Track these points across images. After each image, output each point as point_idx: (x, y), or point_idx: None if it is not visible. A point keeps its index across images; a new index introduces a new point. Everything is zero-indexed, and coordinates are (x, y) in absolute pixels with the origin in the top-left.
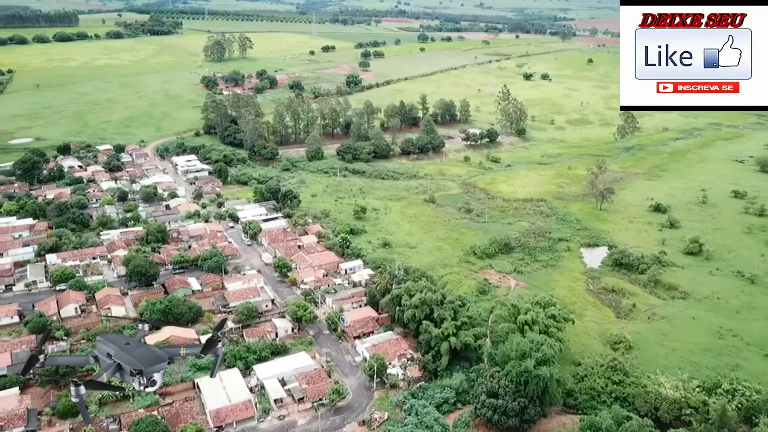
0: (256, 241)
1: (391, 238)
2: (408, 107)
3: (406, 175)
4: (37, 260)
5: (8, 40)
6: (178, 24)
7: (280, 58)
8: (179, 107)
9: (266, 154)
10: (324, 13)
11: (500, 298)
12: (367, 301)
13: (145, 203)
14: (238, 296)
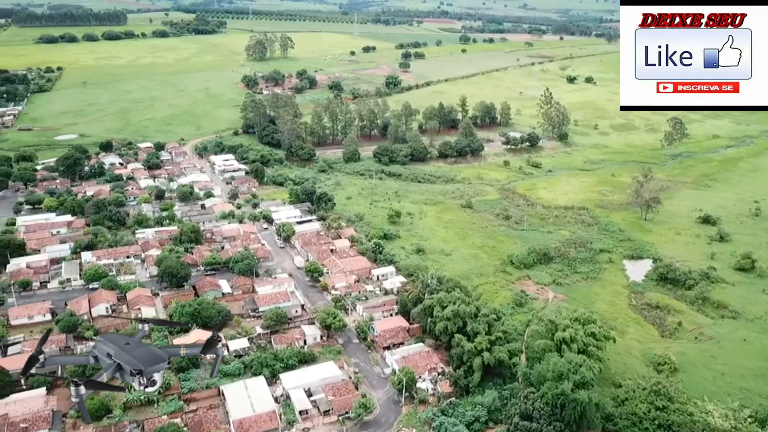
0: (289, 243)
1: (426, 244)
2: (447, 109)
3: (443, 178)
4: (72, 258)
5: (59, 38)
6: (222, 23)
7: (321, 58)
8: (219, 106)
9: (303, 155)
10: (366, 13)
11: (537, 312)
12: (398, 310)
13: (181, 202)
14: (268, 300)
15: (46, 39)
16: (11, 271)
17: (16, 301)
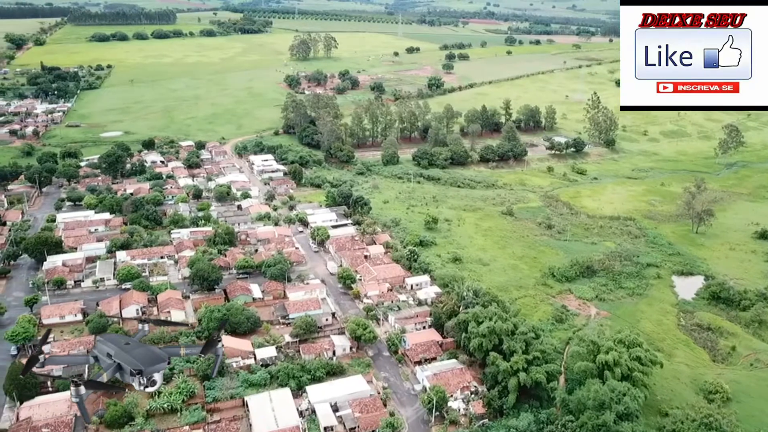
0: (324, 247)
1: (463, 253)
2: (490, 112)
3: (484, 183)
4: (107, 257)
5: (111, 36)
6: (268, 23)
7: (364, 58)
8: (261, 105)
9: (342, 157)
10: (411, 13)
11: (578, 328)
12: (431, 323)
13: (217, 202)
14: (298, 307)
15: (99, 37)
16: (47, 268)
17: (50, 300)
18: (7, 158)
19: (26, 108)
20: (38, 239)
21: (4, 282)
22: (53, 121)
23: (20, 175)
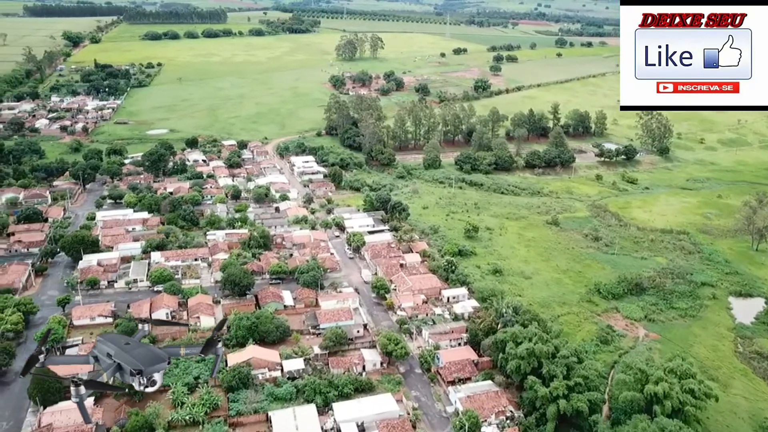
0: (359, 254)
1: (504, 265)
2: (537, 116)
3: (528, 191)
4: (141, 257)
5: (163, 35)
6: (316, 23)
7: (410, 59)
8: (305, 106)
9: (383, 160)
10: (460, 14)
11: (625, 351)
12: (467, 340)
13: (255, 203)
14: (329, 317)
15: (151, 36)
16: (82, 267)
17: (82, 300)
18: (56, 154)
19: (78, 104)
20: (75, 238)
21: (40, 280)
22: (102, 117)
23: (66, 172)
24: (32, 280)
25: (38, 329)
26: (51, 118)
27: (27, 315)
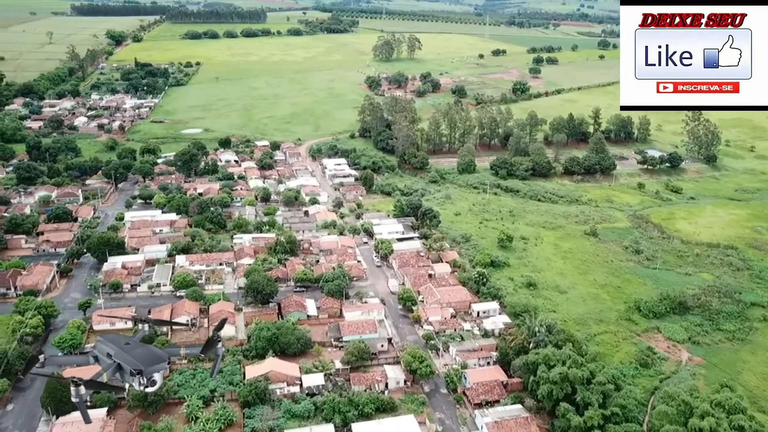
0: (387, 262)
1: (538, 277)
2: (577, 121)
3: (567, 198)
4: (166, 260)
5: (203, 34)
6: (354, 23)
7: (448, 60)
8: (340, 107)
9: (416, 164)
10: (500, 15)
11: (666, 376)
12: (496, 359)
13: (285, 207)
14: (353, 329)
15: (191, 35)
16: (106, 269)
17: (104, 304)
18: (91, 152)
19: (116, 103)
20: (100, 239)
21: (65, 281)
22: (139, 116)
23: (99, 170)
24: (56, 282)
25: (58, 333)
26: (89, 116)
27: (48, 318)
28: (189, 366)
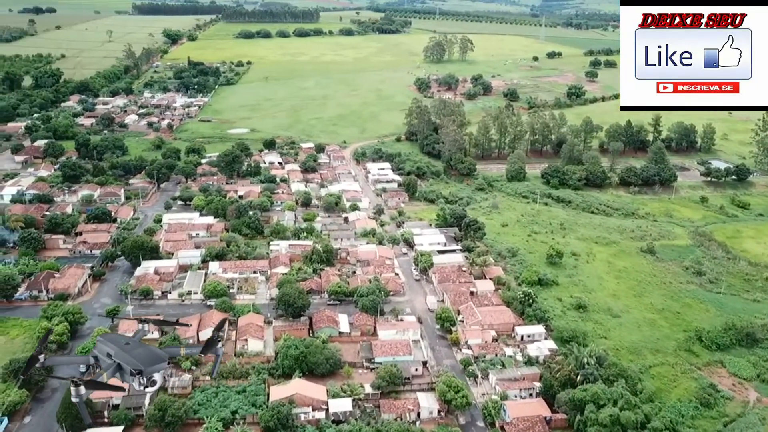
0: (426, 276)
1: (589, 298)
2: (636, 128)
3: (622, 211)
4: (199, 267)
5: (255, 33)
6: (406, 23)
7: (500, 62)
8: (388, 109)
9: (462, 170)
10: (557, 16)
11: (731, 419)
12: (540, 390)
13: (325, 212)
14: (386, 350)
15: (245, 34)
16: (138, 275)
17: (132, 312)
18: (138, 151)
19: (167, 101)
20: (134, 243)
21: (97, 285)
22: (188, 115)
23: (143, 170)
24: (88, 285)
25: (84, 341)
26: (140, 114)
27: (74, 325)
28: (212, 383)
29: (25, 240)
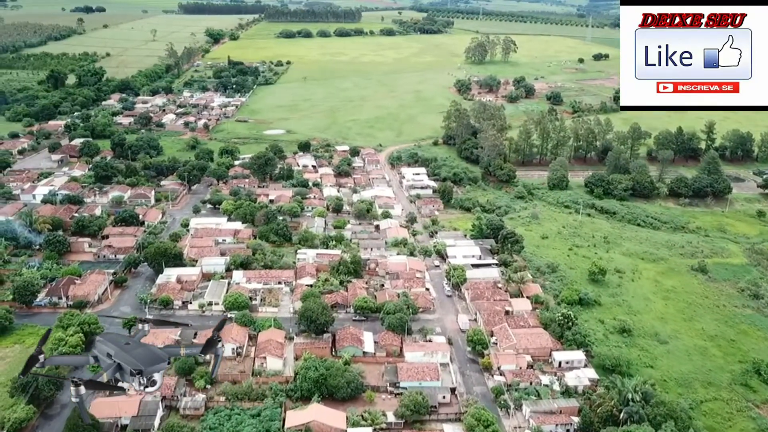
0: (458, 292)
1: (634, 321)
2: (687, 135)
3: (671, 225)
4: (222, 276)
5: (296, 33)
6: (449, 23)
7: (544, 64)
8: (426, 111)
9: (501, 176)
10: (604, 16)
11: None
12: (578, 426)
13: (355, 220)
14: (412, 374)
15: (286, 34)
16: (160, 283)
17: None
18: (173, 151)
19: (205, 101)
20: (157, 249)
21: (118, 293)
22: (225, 115)
23: (176, 171)
24: (109, 293)
25: None
26: (178, 114)
27: (89, 336)
28: (227, 405)
29: (50, 243)
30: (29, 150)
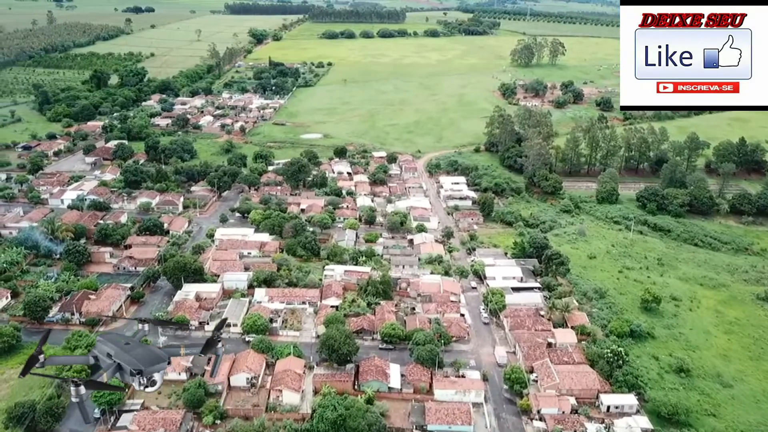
0: (497, 319)
1: (693, 359)
2: (751, 146)
3: (732, 245)
4: (243, 293)
5: (339, 34)
6: (495, 24)
7: (594, 67)
8: (468, 116)
9: (546, 187)
10: None
11: None
12: None
13: (388, 233)
14: (441, 416)
15: (328, 35)
16: (177, 300)
17: (166, 343)
18: (207, 154)
19: (244, 102)
20: (176, 264)
21: (134, 309)
22: (263, 117)
23: (207, 176)
24: (124, 310)
25: None
26: (216, 116)
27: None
28: None
29: (71, 252)
30: (65, 152)
